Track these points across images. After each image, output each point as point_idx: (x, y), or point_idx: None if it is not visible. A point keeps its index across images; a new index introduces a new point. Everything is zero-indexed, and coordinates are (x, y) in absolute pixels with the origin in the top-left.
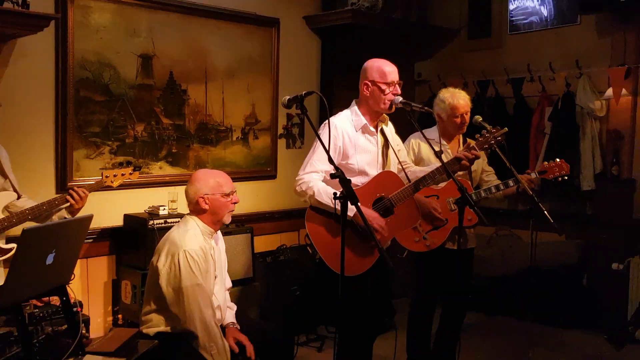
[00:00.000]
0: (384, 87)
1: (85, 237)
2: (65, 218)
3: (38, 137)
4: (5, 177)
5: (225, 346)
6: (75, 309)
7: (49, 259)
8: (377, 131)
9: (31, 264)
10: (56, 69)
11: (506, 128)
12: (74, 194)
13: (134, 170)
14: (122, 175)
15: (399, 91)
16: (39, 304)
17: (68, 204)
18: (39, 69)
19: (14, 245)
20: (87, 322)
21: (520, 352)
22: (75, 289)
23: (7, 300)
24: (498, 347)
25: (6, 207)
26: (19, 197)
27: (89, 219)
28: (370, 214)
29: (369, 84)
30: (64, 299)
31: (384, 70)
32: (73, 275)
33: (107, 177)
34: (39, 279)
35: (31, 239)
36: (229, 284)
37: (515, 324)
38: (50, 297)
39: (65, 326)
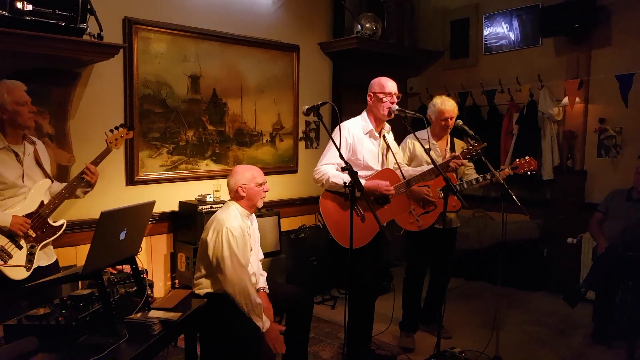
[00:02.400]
0: (382, 96)
1: (149, 218)
2: (87, 190)
3: None
4: (42, 167)
5: (258, 301)
6: (142, 275)
7: (122, 235)
8: (380, 136)
9: (108, 239)
10: (124, 88)
11: (485, 143)
12: (88, 172)
13: (129, 130)
14: (121, 137)
15: (395, 100)
16: (114, 271)
17: (85, 180)
18: (111, 88)
19: (63, 220)
20: (151, 285)
21: (492, 310)
22: (142, 260)
23: (90, 268)
24: (475, 306)
25: (48, 192)
26: (52, 182)
27: (152, 204)
28: (376, 183)
29: (372, 95)
30: (134, 266)
31: (382, 83)
32: (140, 249)
33: (111, 142)
34: (114, 251)
35: (108, 220)
36: (261, 256)
37: (488, 287)
38: (123, 266)
39: (135, 288)
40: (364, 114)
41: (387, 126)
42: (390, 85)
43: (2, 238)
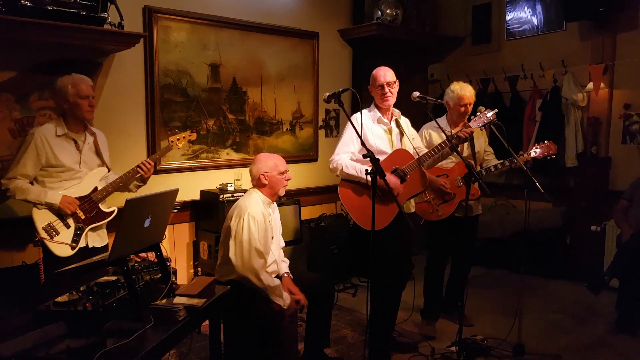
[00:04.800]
0: (374, 88)
1: (173, 205)
2: (140, 185)
3: (133, 130)
4: (100, 156)
5: (277, 283)
6: (166, 263)
7: (147, 223)
8: (390, 122)
9: (133, 227)
10: (145, 77)
11: (496, 109)
12: (143, 166)
13: (192, 132)
14: (184, 137)
15: (386, 91)
16: (138, 259)
17: (139, 174)
18: (132, 77)
19: (114, 208)
20: (174, 273)
21: (514, 298)
22: (165, 248)
23: (116, 254)
24: (496, 294)
25: (103, 179)
26: (109, 171)
27: (175, 191)
28: (392, 180)
29: (371, 89)
30: (158, 254)
31: (374, 75)
32: (164, 236)
33: (172, 141)
34: (139, 238)
35: (133, 207)
36: (283, 244)
37: (509, 275)
38: (147, 254)
39: (160, 275)
40: (372, 104)
41: (396, 112)
42: (381, 75)
43: (51, 215)
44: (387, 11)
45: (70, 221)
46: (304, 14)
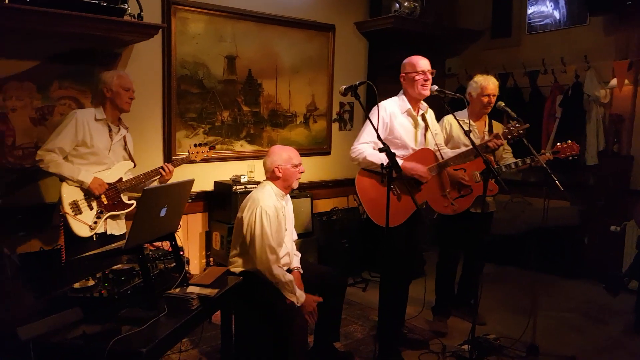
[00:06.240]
0: (414, 75)
1: (189, 196)
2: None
3: (150, 121)
4: (127, 150)
5: (289, 278)
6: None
7: (162, 212)
8: (417, 115)
9: (149, 216)
10: (163, 68)
11: (528, 124)
12: (165, 169)
13: (210, 149)
14: (202, 152)
15: (429, 77)
16: (152, 247)
17: (160, 176)
18: (149, 68)
19: (134, 201)
20: (187, 262)
21: (527, 297)
22: (179, 237)
23: (133, 243)
24: (509, 293)
25: (128, 172)
26: (134, 166)
27: (191, 182)
28: (413, 166)
29: (405, 75)
30: (173, 243)
31: (413, 62)
32: (179, 226)
33: (192, 153)
34: (155, 227)
35: (150, 196)
36: (295, 236)
37: (523, 273)
38: (162, 243)
39: (173, 264)
40: (401, 94)
41: (424, 105)
42: (422, 63)
43: (79, 193)
44: (405, 4)
45: (94, 204)
46: (320, 6)
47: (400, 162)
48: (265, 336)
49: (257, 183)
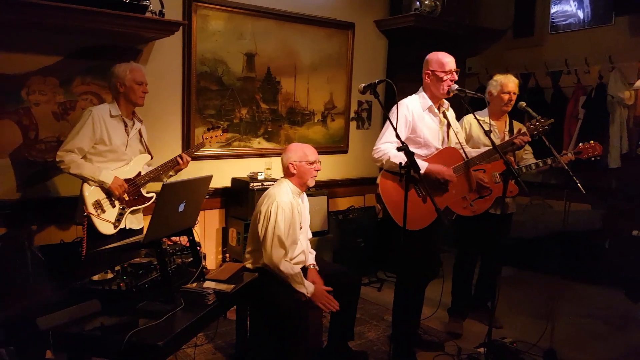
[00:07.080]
0: (441, 74)
1: (207, 191)
2: (172, 175)
3: (169, 117)
4: (144, 143)
5: (297, 270)
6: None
7: (181, 207)
8: (439, 113)
9: (168, 210)
10: (183, 65)
11: (552, 119)
12: (182, 158)
13: (223, 132)
14: (215, 136)
15: (456, 77)
16: (170, 242)
17: (177, 165)
18: (170, 64)
19: (153, 194)
20: (204, 257)
21: (545, 301)
22: (196, 232)
23: (151, 237)
24: (527, 297)
25: (146, 165)
26: (152, 158)
27: (209, 177)
28: (439, 170)
29: (430, 73)
30: (191, 238)
31: (442, 61)
32: (197, 221)
33: (206, 139)
34: (173, 221)
35: (169, 191)
36: (310, 235)
37: (541, 277)
38: (180, 238)
39: (190, 259)
40: (421, 92)
41: (446, 103)
42: (449, 62)
43: (100, 193)
44: (426, 2)
45: (116, 201)
46: (340, 4)
47: (424, 164)
48: (280, 333)
49: (274, 180)
